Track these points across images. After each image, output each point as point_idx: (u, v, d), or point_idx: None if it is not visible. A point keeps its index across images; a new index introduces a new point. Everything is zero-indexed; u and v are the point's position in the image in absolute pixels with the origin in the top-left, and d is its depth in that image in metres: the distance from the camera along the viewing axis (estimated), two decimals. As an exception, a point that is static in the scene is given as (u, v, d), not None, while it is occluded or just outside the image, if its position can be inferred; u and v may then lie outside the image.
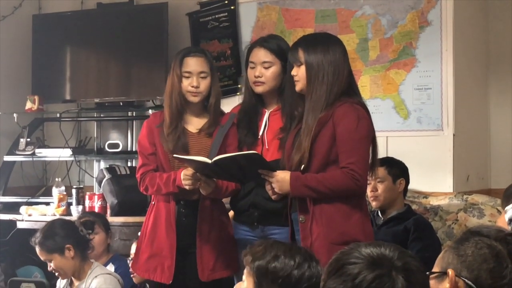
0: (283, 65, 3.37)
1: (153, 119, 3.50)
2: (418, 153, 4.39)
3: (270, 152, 3.34)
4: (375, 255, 1.55)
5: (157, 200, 3.44)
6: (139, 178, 3.43)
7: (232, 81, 5.00)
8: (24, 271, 4.91)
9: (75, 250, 3.54)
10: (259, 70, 3.38)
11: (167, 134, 3.38)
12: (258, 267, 2.26)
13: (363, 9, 4.60)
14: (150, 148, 3.42)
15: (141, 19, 5.22)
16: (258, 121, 3.44)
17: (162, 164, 3.40)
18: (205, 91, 3.41)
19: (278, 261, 2.25)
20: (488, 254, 1.72)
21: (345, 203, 2.99)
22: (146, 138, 3.44)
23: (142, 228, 3.50)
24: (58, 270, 3.56)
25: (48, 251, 3.54)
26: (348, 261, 1.55)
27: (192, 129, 3.43)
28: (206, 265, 3.37)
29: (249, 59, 3.44)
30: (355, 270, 1.53)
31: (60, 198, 4.85)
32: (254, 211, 3.38)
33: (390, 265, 1.53)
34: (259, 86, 3.40)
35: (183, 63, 3.40)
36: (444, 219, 4.16)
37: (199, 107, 3.44)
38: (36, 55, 5.45)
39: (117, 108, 5.33)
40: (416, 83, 4.44)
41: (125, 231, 4.56)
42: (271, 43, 3.43)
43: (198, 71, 3.39)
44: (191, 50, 3.55)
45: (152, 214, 3.44)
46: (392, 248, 1.58)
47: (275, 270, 2.24)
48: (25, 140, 5.26)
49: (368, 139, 3.02)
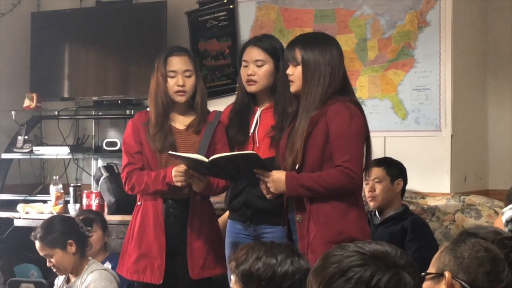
0: (276, 64, 3.38)
1: (139, 117, 3.50)
2: (415, 154, 4.39)
3: (261, 150, 3.35)
4: (379, 253, 1.52)
5: (144, 200, 3.43)
6: (125, 177, 3.42)
7: (230, 80, 4.99)
8: (21, 269, 4.91)
9: (76, 246, 3.54)
10: (252, 69, 3.39)
11: (153, 134, 3.38)
12: (242, 272, 2.27)
13: (362, 9, 4.60)
14: (136, 146, 3.42)
15: (140, 18, 5.22)
16: (250, 119, 3.44)
17: (149, 163, 3.39)
18: (191, 90, 3.42)
19: (260, 262, 2.26)
20: (485, 257, 1.72)
21: (342, 202, 2.99)
22: (132, 136, 3.43)
23: (128, 230, 3.48)
24: (58, 266, 3.55)
25: (50, 246, 3.52)
26: (355, 264, 1.51)
27: (179, 126, 3.43)
28: (196, 263, 3.37)
29: (242, 58, 3.45)
30: (367, 273, 1.48)
31: (57, 196, 4.84)
32: (246, 210, 3.39)
33: (395, 264, 1.51)
34: (252, 86, 3.41)
35: (167, 63, 3.41)
36: (441, 219, 4.16)
37: (184, 106, 3.45)
38: (35, 52, 5.44)
39: (115, 107, 5.33)
40: (414, 83, 4.44)
41: (122, 229, 4.54)
42: (264, 42, 3.43)
43: (183, 69, 3.40)
44: (174, 49, 3.54)
45: (139, 214, 3.42)
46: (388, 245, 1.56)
47: (258, 272, 2.25)
48: (23, 137, 5.25)
49: (361, 136, 3.02)
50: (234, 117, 3.47)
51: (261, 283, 2.24)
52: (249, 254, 2.29)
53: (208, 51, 5.10)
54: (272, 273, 2.24)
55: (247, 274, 2.26)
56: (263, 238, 3.28)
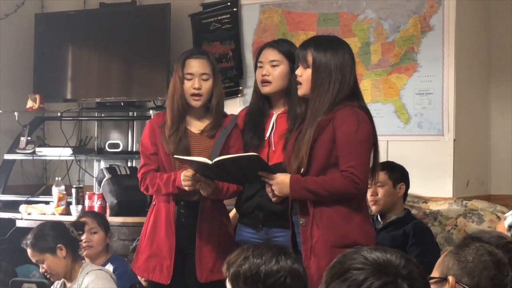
0: (291, 67, 3.34)
1: (156, 119, 3.50)
2: (418, 158, 4.39)
3: (277, 154, 3.33)
4: (381, 262, 1.54)
5: (157, 200, 3.44)
6: (140, 177, 3.43)
7: (233, 83, 5.00)
8: (23, 270, 4.90)
9: (66, 249, 3.55)
10: (267, 69, 3.37)
11: (168, 136, 3.37)
12: (232, 274, 2.31)
13: (365, 13, 4.60)
14: (152, 148, 3.42)
15: (143, 20, 5.23)
16: (265, 123, 3.43)
17: (163, 165, 3.40)
18: (207, 93, 3.40)
19: (247, 262, 2.30)
20: (489, 262, 1.72)
21: (346, 206, 2.98)
22: (148, 138, 3.44)
23: (143, 228, 3.51)
24: (50, 271, 3.56)
25: (40, 251, 3.54)
26: (354, 266, 1.54)
27: (194, 130, 3.42)
28: (205, 266, 3.37)
29: (258, 60, 3.43)
30: (361, 276, 1.51)
31: (59, 197, 4.85)
32: (259, 213, 3.37)
33: (396, 272, 1.52)
34: (266, 87, 3.38)
35: (185, 65, 3.40)
36: (444, 224, 4.16)
37: (201, 109, 3.43)
38: (38, 54, 5.45)
39: (118, 108, 5.34)
40: (417, 87, 4.44)
41: (124, 231, 4.56)
42: (281, 44, 3.43)
43: (200, 72, 3.39)
44: (194, 51, 3.55)
45: (153, 214, 3.44)
46: (399, 255, 1.57)
47: (244, 271, 2.29)
48: (26, 138, 5.26)
49: (368, 143, 2.99)
50: (249, 120, 3.45)
51: (247, 281, 2.28)
52: (239, 256, 2.33)
53: (211, 53, 5.09)
54: (256, 271, 2.28)
55: (236, 274, 2.30)
56: (274, 242, 3.27)
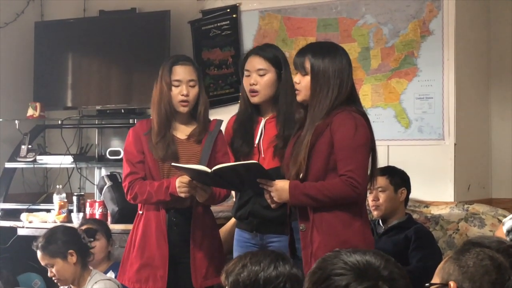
0: (278, 73, 3.38)
1: (140, 126, 3.49)
2: (419, 162, 4.39)
3: (266, 160, 3.35)
4: (361, 265, 1.54)
5: (145, 209, 3.42)
6: (127, 186, 3.41)
7: (233, 89, 5.00)
8: (25, 278, 4.91)
9: (77, 256, 3.54)
10: (254, 78, 3.39)
11: (155, 142, 3.37)
12: (231, 283, 2.30)
13: (365, 18, 4.61)
14: (138, 156, 3.41)
15: (143, 27, 5.23)
16: (254, 129, 3.44)
17: (151, 172, 3.39)
18: (194, 100, 3.42)
19: (246, 270, 2.29)
20: (490, 266, 1.72)
21: (346, 211, 2.98)
22: (134, 146, 3.43)
23: (129, 239, 3.47)
24: (58, 276, 3.55)
25: (51, 255, 3.52)
26: (335, 272, 1.53)
27: (180, 136, 3.43)
28: (199, 272, 3.37)
29: (245, 67, 3.45)
30: (343, 282, 1.51)
31: (61, 205, 4.85)
32: (253, 220, 3.40)
33: (377, 275, 1.53)
34: (255, 97, 3.41)
35: (172, 72, 3.40)
36: (445, 228, 4.15)
37: (186, 115, 3.45)
38: (38, 62, 5.45)
39: (119, 116, 5.33)
40: (417, 92, 4.44)
41: (125, 238, 4.52)
42: (266, 51, 3.44)
43: (187, 79, 3.40)
44: (180, 58, 3.53)
45: (141, 223, 3.42)
46: (378, 256, 1.57)
47: (243, 279, 2.28)
48: (26, 147, 5.26)
49: (366, 146, 2.99)
50: (238, 128, 3.47)
51: None
52: (237, 264, 2.32)
53: (211, 60, 5.11)
54: (255, 278, 2.27)
55: (236, 283, 2.29)
56: (269, 247, 3.29)
